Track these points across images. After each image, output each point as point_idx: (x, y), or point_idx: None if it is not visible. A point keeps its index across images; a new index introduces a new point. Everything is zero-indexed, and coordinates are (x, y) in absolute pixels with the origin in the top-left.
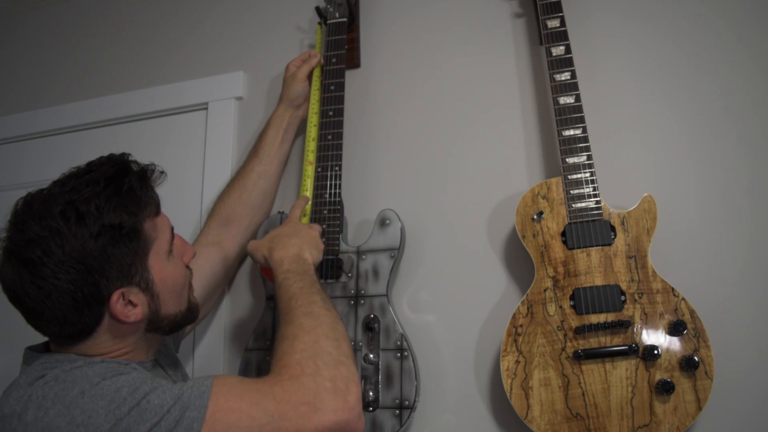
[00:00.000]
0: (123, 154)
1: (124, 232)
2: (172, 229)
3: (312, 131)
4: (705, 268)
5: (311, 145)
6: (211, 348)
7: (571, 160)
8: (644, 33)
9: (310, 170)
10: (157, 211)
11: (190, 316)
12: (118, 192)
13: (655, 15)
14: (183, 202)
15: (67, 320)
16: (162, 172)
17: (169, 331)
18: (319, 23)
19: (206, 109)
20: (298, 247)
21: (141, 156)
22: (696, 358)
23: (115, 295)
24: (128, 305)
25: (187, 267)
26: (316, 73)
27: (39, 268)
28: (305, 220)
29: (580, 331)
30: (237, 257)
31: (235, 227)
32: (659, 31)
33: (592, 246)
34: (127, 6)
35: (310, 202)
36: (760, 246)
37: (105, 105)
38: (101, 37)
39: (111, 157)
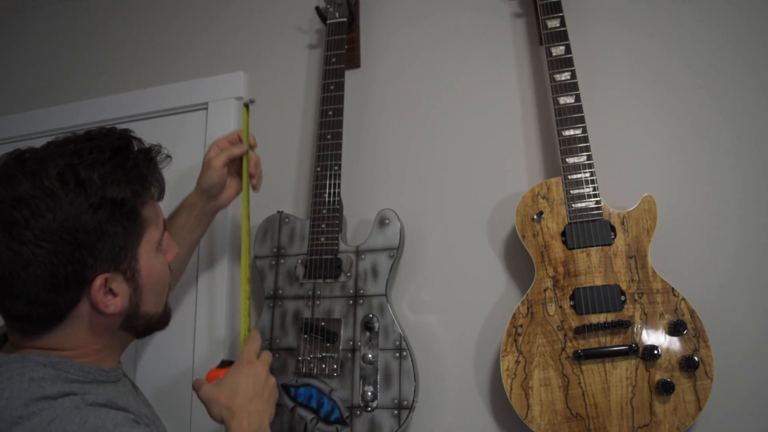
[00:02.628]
0: (125, 130)
1: (125, 210)
2: (164, 221)
3: (245, 238)
4: (705, 268)
5: (246, 259)
6: (210, 348)
7: (571, 160)
8: (644, 33)
9: (247, 289)
10: (159, 195)
11: (164, 322)
12: (123, 165)
13: (655, 15)
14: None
15: (38, 299)
16: (168, 156)
17: (142, 334)
18: (245, 104)
19: (206, 109)
20: (259, 418)
21: None
22: (696, 358)
23: (99, 280)
24: (108, 294)
25: (169, 267)
26: (245, 159)
27: (20, 231)
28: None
29: (580, 331)
30: None
31: None
32: (659, 32)
33: (592, 246)
34: (128, 7)
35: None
36: (761, 246)
37: (105, 105)
38: (101, 37)
39: (113, 130)
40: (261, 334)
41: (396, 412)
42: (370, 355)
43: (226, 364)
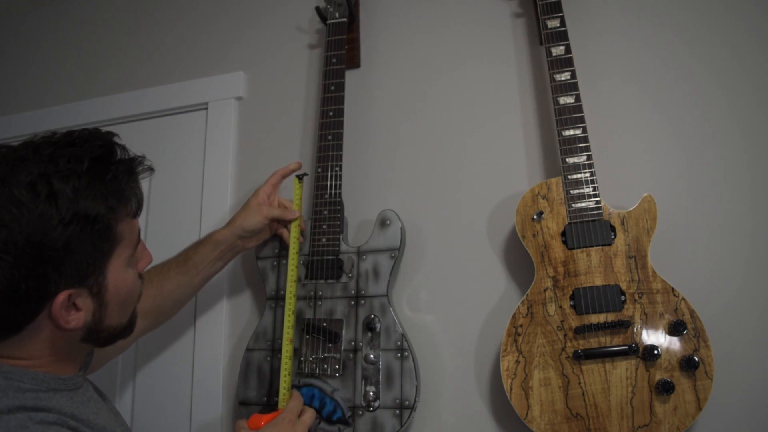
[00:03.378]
0: (109, 133)
1: (97, 227)
2: (140, 232)
3: (291, 302)
4: (705, 268)
5: (290, 320)
6: (211, 348)
7: (571, 160)
8: (644, 33)
9: (289, 349)
10: (137, 212)
11: (128, 331)
12: (101, 177)
13: (655, 15)
14: (183, 202)
15: None
16: (150, 168)
17: (104, 344)
18: (298, 176)
19: (206, 109)
20: None
21: None
22: (696, 358)
23: (62, 296)
24: (71, 309)
25: (140, 277)
26: (295, 225)
27: None
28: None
29: (580, 331)
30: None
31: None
32: (659, 31)
33: (592, 246)
34: (128, 7)
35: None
36: (761, 246)
37: (105, 105)
38: (101, 37)
39: (97, 134)
40: (263, 335)
41: (398, 411)
42: (371, 356)
43: (268, 410)
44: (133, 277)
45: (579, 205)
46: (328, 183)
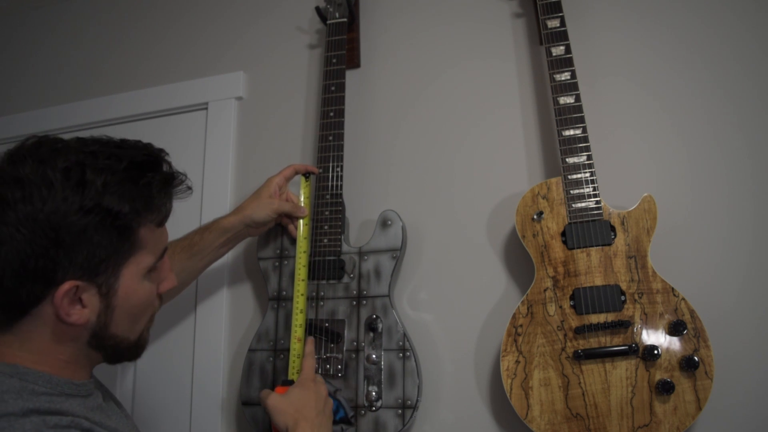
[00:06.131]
0: (160, 150)
1: (117, 223)
2: (165, 250)
3: (299, 300)
4: (705, 268)
5: (299, 318)
6: (211, 348)
7: (571, 160)
8: (644, 32)
9: (297, 347)
10: (161, 222)
11: (135, 352)
12: (134, 180)
13: (655, 14)
14: (182, 202)
15: (2, 283)
16: (189, 188)
17: (111, 358)
18: (304, 175)
19: (206, 109)
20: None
21: None
22: (696, 358)
23: (67, 285)
24: (75, 302)
25: (159, 297)
26: (303, 224)
27: (5, 211)
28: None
29: (580, 331)
30: None
31: None
32: (659, 31)
33: (592, 246)
34: (128, 7)
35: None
36: (761, 246)
37: (105, 105)
38: (101, 37)
39: (148, 146)
40: (265, 336)
41: (400, 411)
42: (373, 356)
43: (287, 383)
44: (148, 290)
45: (579, 205)
46: (330, 183)
